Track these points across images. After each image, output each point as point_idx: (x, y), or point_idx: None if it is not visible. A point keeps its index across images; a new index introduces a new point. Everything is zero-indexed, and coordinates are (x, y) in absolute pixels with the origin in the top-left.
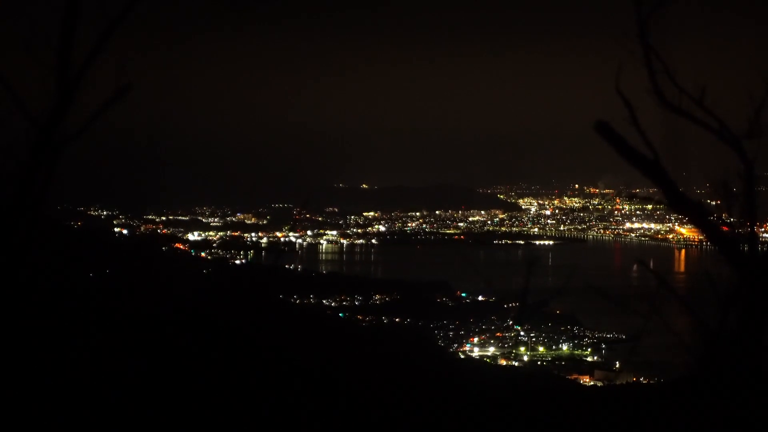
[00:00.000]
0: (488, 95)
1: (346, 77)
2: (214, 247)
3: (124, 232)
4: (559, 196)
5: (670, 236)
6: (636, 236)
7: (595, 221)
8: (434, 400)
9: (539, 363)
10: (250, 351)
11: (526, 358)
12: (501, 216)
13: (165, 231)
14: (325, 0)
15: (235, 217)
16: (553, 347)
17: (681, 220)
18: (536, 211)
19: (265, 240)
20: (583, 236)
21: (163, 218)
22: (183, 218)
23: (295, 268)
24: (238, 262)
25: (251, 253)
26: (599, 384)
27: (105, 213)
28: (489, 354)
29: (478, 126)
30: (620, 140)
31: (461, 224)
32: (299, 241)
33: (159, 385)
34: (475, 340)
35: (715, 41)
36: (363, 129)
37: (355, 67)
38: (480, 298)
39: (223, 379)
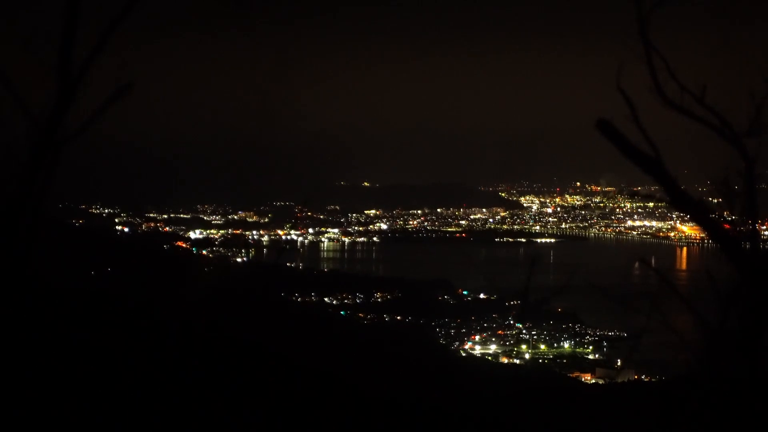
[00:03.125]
0: (490, 93)
1: (348, 75)
2: (215, 245)
3: (126, 230)
4: (561, 194)
5: (672, 234)
6: (637, 234)
7: (597, 219)
8: (437, 398)
9: (541, 361)
10: (253, 349)
11: (527, 356)
12: (502, 214)
13: (166, 229)
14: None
15: (236, 215)
16: (555, 345)
17: (682, 218)
18: (538, 209)
19: (266, 238)
20: (585, 234)
21: (165, 216)
22: (184, 216)
23: (297, 266)
24: (239, 260)
25: (253, 251)
26: (600, 382)
27: (106, 211)
28: (490, 352)
29: (479, 124)
30: (622, 138)
31: (463, 222)
32: (301, 239)
33: (159, 384)
34: (477, 338)
35: (716, 39)
36: (365, 127)
37: (358, 65)
38: (481, 296)
39: (224, 378)
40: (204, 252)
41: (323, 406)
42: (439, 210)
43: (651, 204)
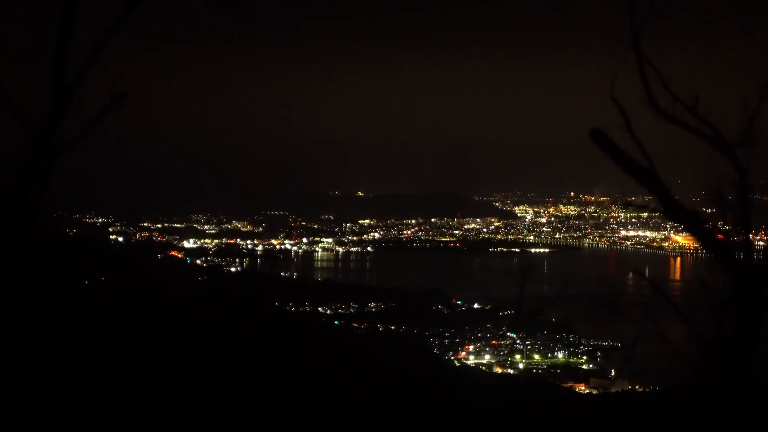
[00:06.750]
0: (484, 103)
1: (341, 85)
2: (209, 255)
3: (120, 239)
4: (555, 204)
5: (666, 244)
6: (631, 244)
7: (591, 229)
8: (431, 408)
9: (534, 371)
10: (247, 360)
11: (521, 366)
12: (496, 224)
13: (160, 238)
14: (321, 9)
15: (230, 224)
16: (549, 355)
17: (676, 227)
18: (532, 218)
19: (260, 247)
20: (579, 244)
21: (159, 225)
22: (178, 225)
23: (291, 276)
24: (233, 269)
25: (246, 260)
26: (594, 392)
27: (100, 220)
28: (484, 362)
29: (473, 134)
30: (615, 148)
31: (456, 232)
32: (295, 248)
33: (152, 393)
34: (471, 347)
35: (708, 50)
36: (358, 137)
37: (351, 75)
38: (475, 305)
39: (218, 388)
40: (198, 261)
41: (315, 412)
42: (433, 220)
43: (645, 214)
